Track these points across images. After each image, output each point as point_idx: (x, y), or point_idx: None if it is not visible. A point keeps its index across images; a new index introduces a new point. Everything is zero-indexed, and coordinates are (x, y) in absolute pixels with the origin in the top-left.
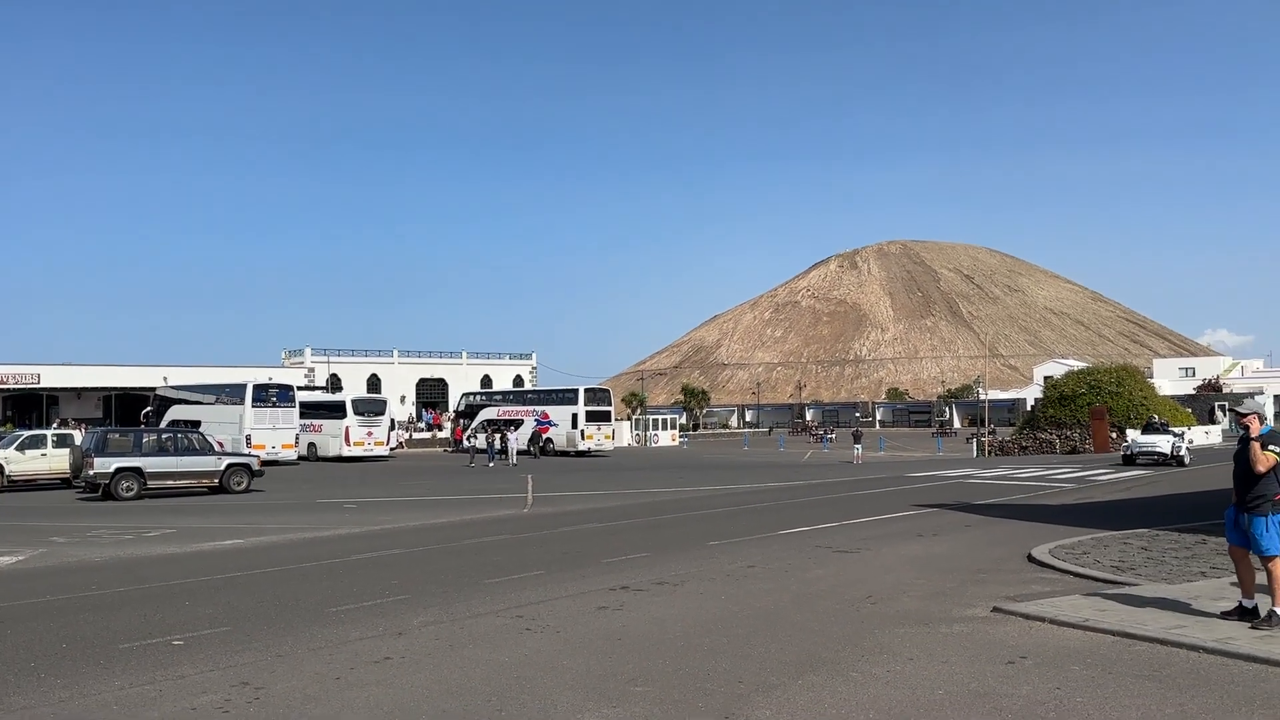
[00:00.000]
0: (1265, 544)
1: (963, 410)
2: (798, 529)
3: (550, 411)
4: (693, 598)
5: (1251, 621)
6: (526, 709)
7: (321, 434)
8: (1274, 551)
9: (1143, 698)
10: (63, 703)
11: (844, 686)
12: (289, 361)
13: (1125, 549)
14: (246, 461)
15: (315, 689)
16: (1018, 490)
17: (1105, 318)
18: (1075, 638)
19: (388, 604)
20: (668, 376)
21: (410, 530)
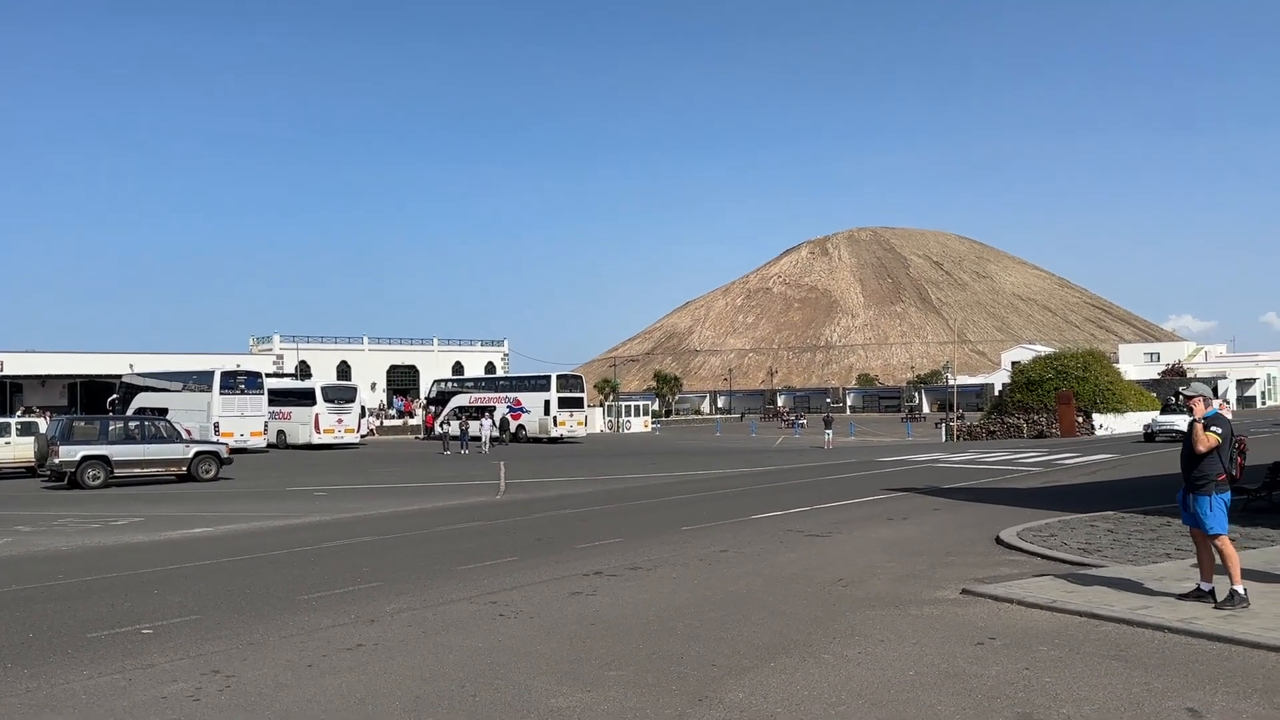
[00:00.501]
0: (1210, 523)
1: (932, 396)
2: (769, 514)
3: (522, 398)
4: (666, 582)
5: (1213, 603)
6: (500, 694)
7: (291, 421)
8: (1219, 530)
9: (1109, 677)
10: (30, 692)
11: (816, 668)
12: (257, 348)
13: (1091, 531)
14: (215, 449)
15: (287, 677)
16: (985, 474)
17: (1072, 303)
18: (1043, 619)
19: (360, 591)
20: (640, 363)
21: (382, 517)
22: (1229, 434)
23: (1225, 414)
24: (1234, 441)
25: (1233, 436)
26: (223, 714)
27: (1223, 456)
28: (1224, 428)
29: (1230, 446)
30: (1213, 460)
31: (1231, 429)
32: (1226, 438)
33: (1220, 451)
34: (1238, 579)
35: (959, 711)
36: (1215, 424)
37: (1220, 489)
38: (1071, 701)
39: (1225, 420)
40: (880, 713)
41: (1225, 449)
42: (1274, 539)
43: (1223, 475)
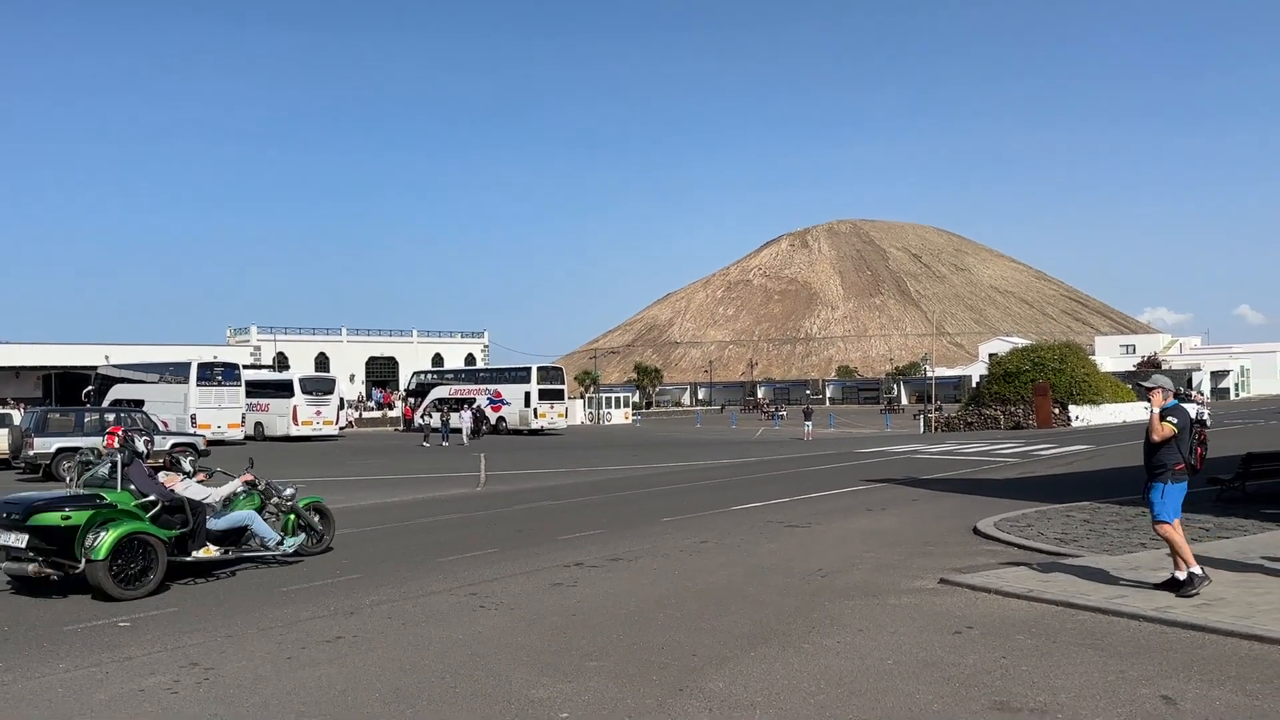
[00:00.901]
0: (1157, 509)
1: (910, 387)
2: (750, 505)
3: (503, 390)
4: (646, 573)
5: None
6: (481, 685)
7: (268, 413)
8: (1163, 518)
9: (1085, 665)
10: (5, 685)
11: (795, 658)
12: (234, 340)
13: (1068, 522)
14: (191, 441)
15: (266, 669)
16: (963, 465)
17: (1049, 296)
18: (1020, 608)
19: (339, 583)
20: (621, 355)
21: (360, 509)
22: (1188, 424)
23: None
24: (1194, 433)
25: (1192, 427)
26: (201, 706)
27: (1181, 447)
28: (1181, 418)
29: (1190, 437)
30: (1170, 450)
31: (1191, 420)
32: (1185, 428)
33: (1179, 442)
34: (1191, 562)
35: (937, 700)
36: (1172, 414)
37: (1177, 478)
38: (1048, 690)
39: (1183, 411)
40: (859, 701)
41: (1185, 439)
42: (1246, 529)
43: (1181, 465)
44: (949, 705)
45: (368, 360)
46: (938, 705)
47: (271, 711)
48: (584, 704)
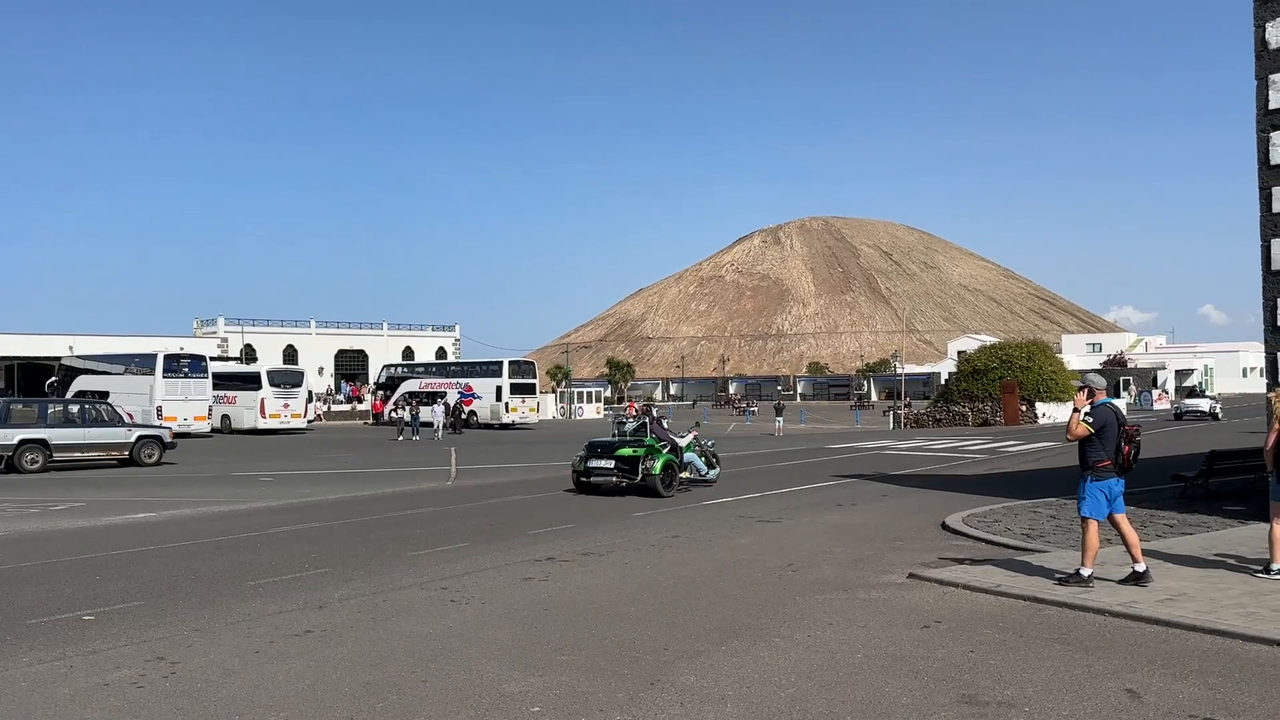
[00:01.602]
0: (1082, 506)
1: (880, 384)
2: (721, 500)
3: (474, 384)
4: (618, 568)
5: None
6: (451, 679)
7: (236, 406)
8: (1086, 514)
9: (1051, 659)
10: None
11: (766, 652)
12: (201, 331)
13: (1035, 517)
14: (158, 433)
15: (233, 663)
16: (932, 461)
17: (1017, 294)
18: (987, 603)
19: (307, 577)
20: (593, 350)
21: (330, 503)
22: (1112, 423)
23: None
24: (1122, 430)
25: (1120, 425)
26: (167, 701)
27: (1105, 444)
28: (1099, 418)
29: (1117, 435)
30: (1093, 447)
31: (1117, 418)
32: (1107, 426)
33: (1102, 439)
34: (1088, 563)
35: (905, 693)
36: (1091, 414)
37: (1098, 475)
38: (1014, 683)
39: (1103, 411)
40: (829, 695)
41: (1108, 439)
42: (1209, 525)
43: (1104, 462)
44: (917, 699)
45: (337, 353)
46: (906, 699)
47: (239, 706)
48: (555, 698)
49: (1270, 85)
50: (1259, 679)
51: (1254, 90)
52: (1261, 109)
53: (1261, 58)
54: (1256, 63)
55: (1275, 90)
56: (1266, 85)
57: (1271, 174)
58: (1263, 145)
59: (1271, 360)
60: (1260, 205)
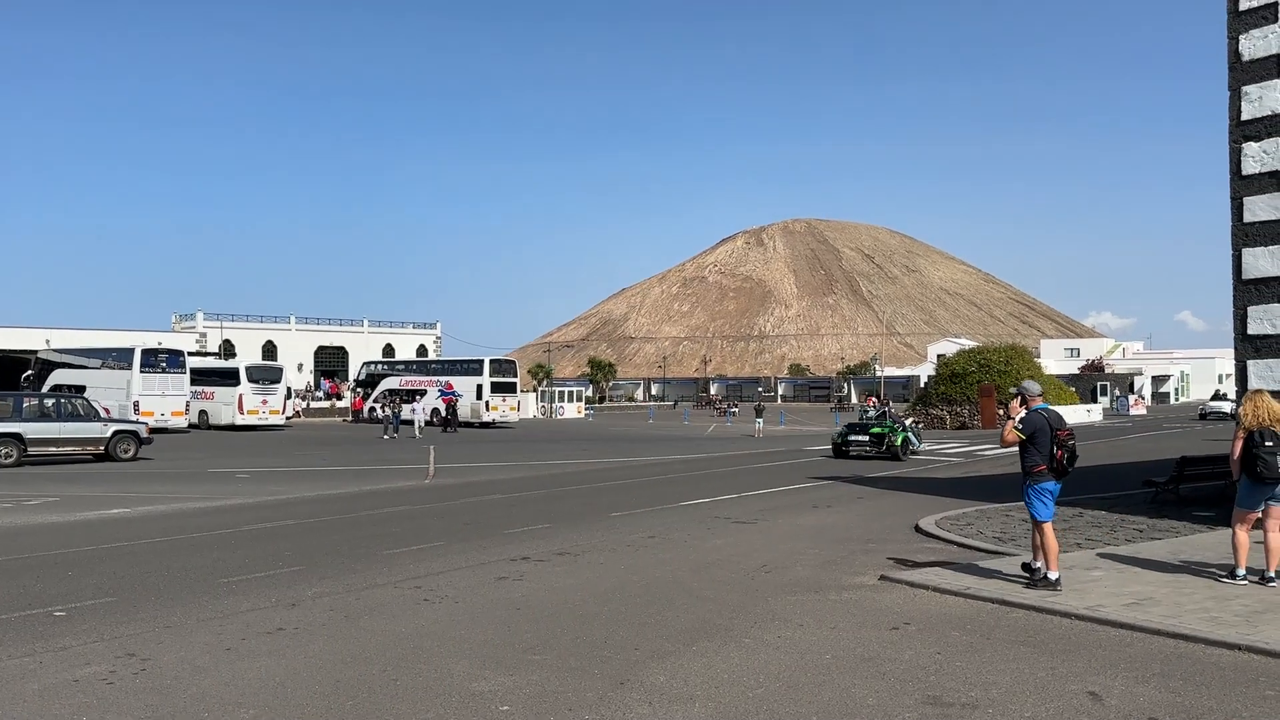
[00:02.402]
0: (1031, 510)
1: (860, 386)
2: (698, 500)
3: (455, 382)
4: (593, 568)
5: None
6: (423, 678)
7: (214, 402)
8: (1039, 517)
9: (1017, 662)
10: None
11: (736, 652)
12: (179, 326)
13: (1006, 521)
14: (134, 429)
15: (205, 660)
16: (908, 465)
17: (996, 299)
18: (956, 605)
19: (281, 575)
20: (574, 349)
21: (305, 501)
22: (1043, 428)
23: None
24: (1054, 435)
25: (1052, 430)
26: (138, 697)
27: (1039, 449)
28: (1029, 424)
29: (1050, 440)
30: (1028, 453)
31: (1049, 423)
32: (1038, 432)
33: (1035, 445)
34: (1054, 566)
35: (872, 694)
36: (1022, 422)
37: (1037, 479)
38: (980, 685)
39: (1034, 417)
40: (797, 696)
41: (1041, 443)
42: (1178, 530)
43: (1039, 467)
44: (883, 700)
45: (316, 349)
46: (873, 700)
47: (210, 703)
48: (525, 697)
49: (1243, 96)
50: (1219, 683)
51: (1227, 101)
52: (1234, 120)
53: (1235, 69)
54: (1230, 74)
55: (1248, 102)
56: (1239, 96)
57: (1243, 184)
58: (1235, 156)
59: (1241, 368)
60: (1232, 215)
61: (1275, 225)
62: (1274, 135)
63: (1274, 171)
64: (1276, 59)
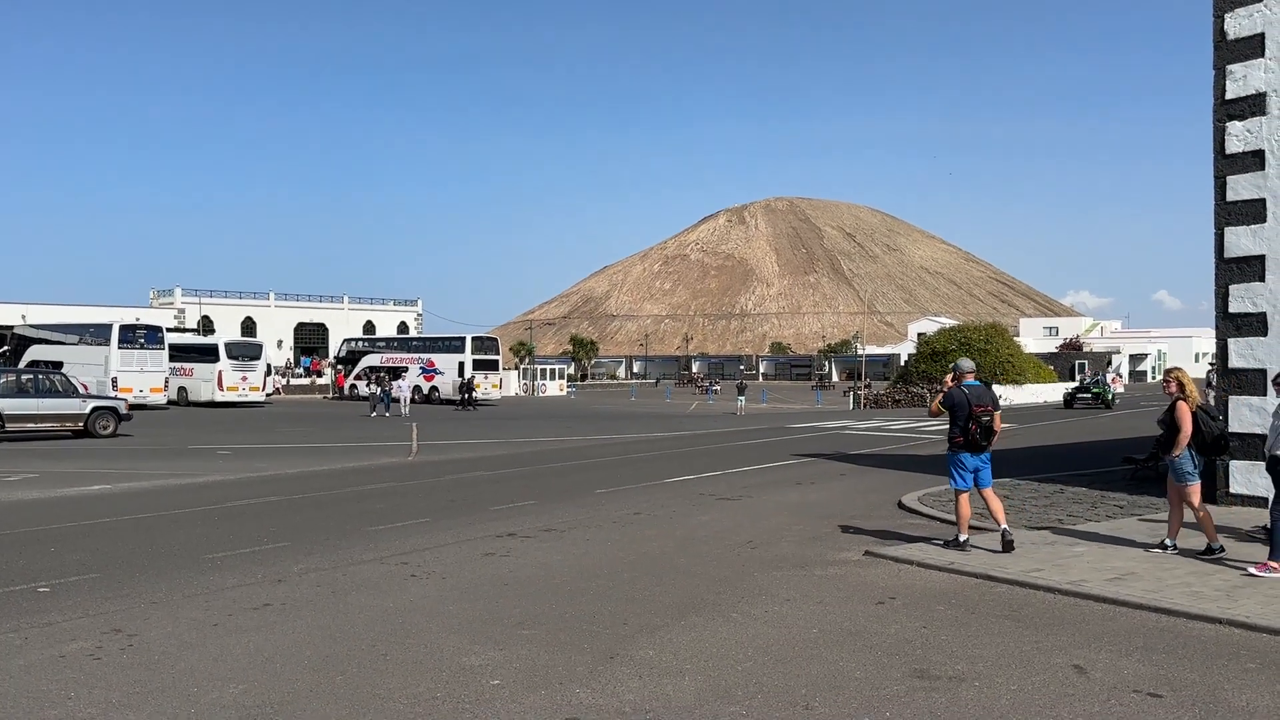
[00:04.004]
0: (951, 480)
1: (841, 365)
2: (683, 477)
3: (436, 359)
4: (579, 544)
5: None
6: (411, 653)
7: (193, 378)
8: (954, 486)
9: (1002, 636)
10: None
11: (724, 627)
12: (158, 302)
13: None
14: (113, 405)
15: (192, 636)
16: (890, 441)
17: (976, 278)
18: (941, 580)
19: (266, 551)
20: (556, 327)
21: (289, 477)
22: (962, 403)
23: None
24: (971, 410)
25: (970, 406)
26: (124, 673)
27: (957, 423)
28: (949, 399)
29: (966, 416)
30: (953, 426)
31: (968, 399)
32: (956, 406)
33: (955, 418)
34: (964, 530)
35: (859, 667)
36: (943, 396)
37: (954, 450)
38: (966, 659)
39: (955, 393)
40: (785, 669)
41: (959, 417)
42: (1158, 507)
43: (957, 439)
44: (871, 673)
45: (296, 326)
46: (860, 673)
47: (197, 678)
48: (515, 671)
49: (1227, 75)
50: (1201, 656)
51: (1211, 80)
52: (1218, 98)
53: (1220, 48)
54: (1215, 53)
55: (1232, 80)
56: (1224, 75)
57: (1227, 163)
58: (1218, 135)
59: (1223, 346)
60: (1215, 194)
61: (1258, 204)
62: (1258, 114)
63: (1257, 150)
64: (1261, 38)
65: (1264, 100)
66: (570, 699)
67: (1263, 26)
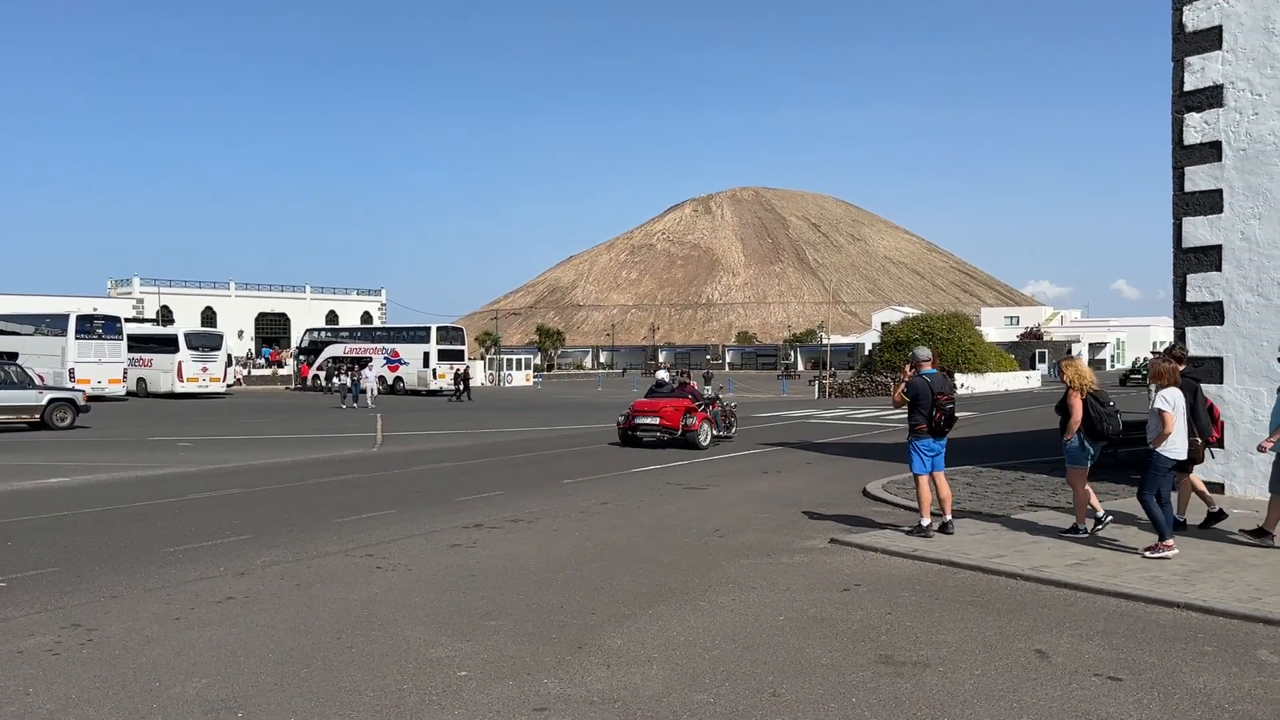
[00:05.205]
0: (910, 464)
1: (806, 354)
2: (650, 467)
3: (401, 349)
4: (547, 534)
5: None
6: (377, 645)
7: (152, 369)
8: (914, 470)
9: (965, 621)
10: None
11: (692, 615)
12: (116, 292)
13: (951, 485)
14: (71, 396)
15: (153, 630)
16: (855, 430)
17: (939, 268)
18: (905, 566)
19: (229, 544)
20: (522, 317)
21: (251, 469)
22: (925, 392)
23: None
24: (934, 398)
25: (933, 394)
26: (84, 668)
27: (920, 410)
28: (912, 389)
29: (929, 403)
30: (911, 414)
31: (930, 387)
32: (920, 395)
33: (918, 406)
34: (925, 514)
35: (826, 654)
36: (906, 385)
37: (916, 437)
38: (930, 644)
39: (917, 382)
40: (752, 656)
41: (923, 405)
42: (1117, 494)
43: (920, 425)
44: (837, 659)
45: (257, 316)
46: (827, 659)
47: (160, 672)
48: (482, 662)
49: (1186, 68)
50: (1159, 639)
51: (1170, 72)
52: (1177, 90)
53: (1179, 40)
54: (1174, 45)
55: (1191, 73)
56: (1183, 68)
57: (1185, 154)
58: (1177, 126)
59: (1181, 334)
60: (1174, 185)
61: (1215, 195)
62: (1215, 106)
63: (1215, 142)
64: (1219, 31)
65: (1221, 92)
66: (538, 689)
67: (1220, 19)
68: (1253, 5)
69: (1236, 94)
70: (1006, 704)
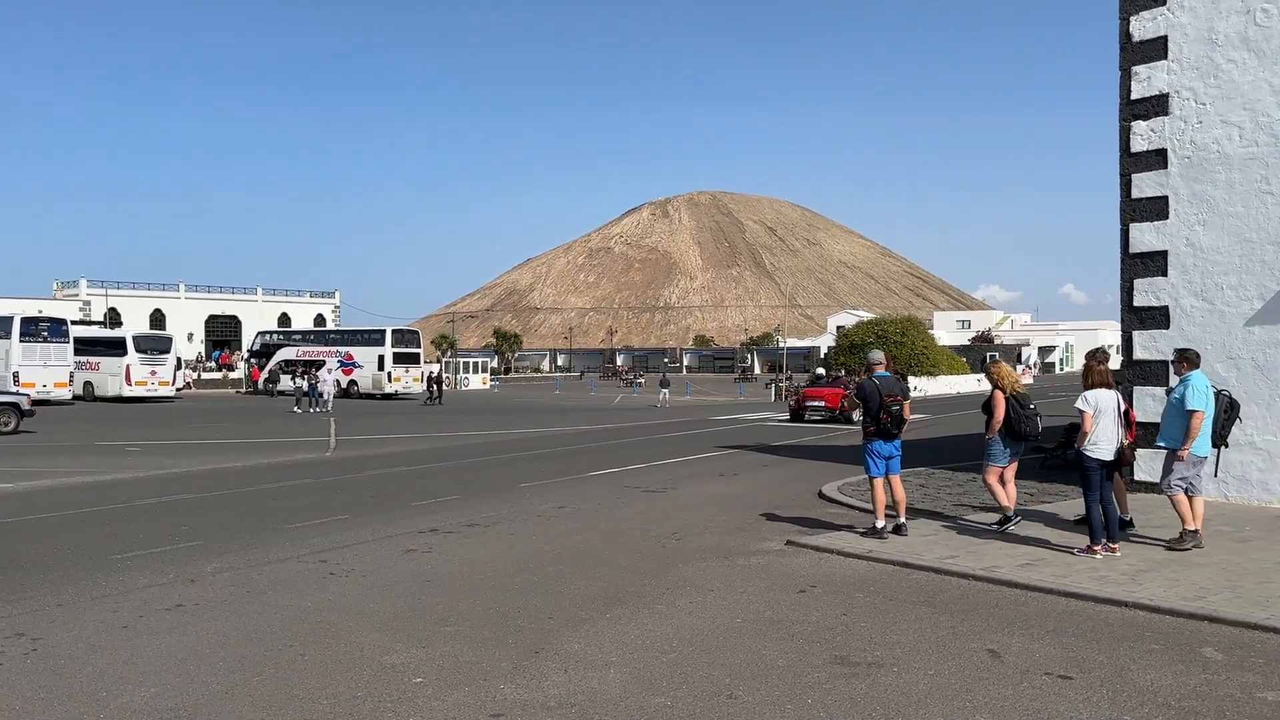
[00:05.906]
0: (866, 468)
1: (763, 357)
2: (608, 470)
3: (355, 352)
4: (504, 539)
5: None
6: (330, 652)
7: (99, 372)
8: (868, 473)
9: (919, 622)
10: None
11: (649, 618)
12: (62, 294)
13: (905, 486)
14: (15, 400)
15: (101, 638)
16: (810, 433)
17: (893, 272)
18: (860, 568)
19: (178, 550)
20: (479, 319)
21: (201, 474)
22: (873, 394)
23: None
24: (883, 400)
25: (881, 396)
26: (29, 678)
27: (870, 413)
28: (861, 391)
29: (878, 406)
30: (863, 416)
31: (878, 389)
32: (869, 398)
33: (867, 409)
34: (879, 516)
35: (781, 655)
36: (856, 388)
37: (867, 439)
38: (884, 645)
39: (866, 385)
40: (709, 658)
41: (872, 407)
42: (1066, 494)
43: (870, 428)
44: (792, 660)
45: (208, 319)
46: (783, 661)
47: (107, 681)
48: (438, 668)
49: (1133, 76)
50: (1108, 638)
51: (1118, 80)
52: (1124, 99)
53: (1125, 49)
54: (1121, 54)
55: (1137, 81)
56: (1129, 76)
57: (1132, 161)
58: (1124, 134)
59: (1127, 338)
60: (1120, 191)
61: (1161, 201)
62: (1161, 114)
63: (1160, 149)
64: (1165, 40)
65: (1167, 101)
66: (495, 695)
67: (1166, 29)
68: (1196, 16)
69: (1181, 103)
70: (960, 703)
